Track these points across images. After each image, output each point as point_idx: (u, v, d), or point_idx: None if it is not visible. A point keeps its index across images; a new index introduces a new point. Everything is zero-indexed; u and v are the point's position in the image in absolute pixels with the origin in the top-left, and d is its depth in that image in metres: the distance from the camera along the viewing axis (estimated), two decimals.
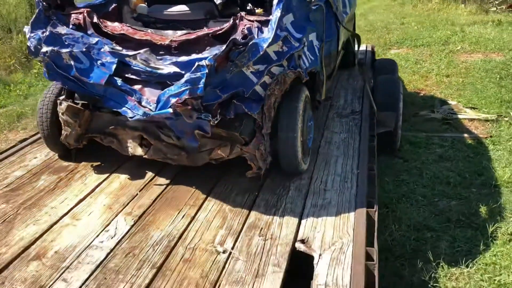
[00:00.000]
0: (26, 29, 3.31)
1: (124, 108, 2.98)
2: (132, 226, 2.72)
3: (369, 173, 3.25)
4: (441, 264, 3.07)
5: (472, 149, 4.97)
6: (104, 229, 2.70)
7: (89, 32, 3.25)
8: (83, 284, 2.25)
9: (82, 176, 3.33)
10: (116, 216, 2.83)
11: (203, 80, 2.58)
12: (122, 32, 3.25)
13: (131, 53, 3.03)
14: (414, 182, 4.22)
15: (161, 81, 3.04)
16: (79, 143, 3.36)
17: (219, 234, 2.64)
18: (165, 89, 2.76)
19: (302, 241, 2.55)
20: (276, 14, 2.80)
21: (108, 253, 2.48)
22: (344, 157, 3.50)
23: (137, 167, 3.40)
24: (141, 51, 3.02)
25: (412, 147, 5.01)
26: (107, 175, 3.33)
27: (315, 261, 2.39)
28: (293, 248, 2.50)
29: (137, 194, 3.07)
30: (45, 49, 2.99)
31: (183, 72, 2.92)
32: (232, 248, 2.50)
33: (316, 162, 3.43)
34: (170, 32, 3.33)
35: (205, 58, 2.75)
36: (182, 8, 4.00)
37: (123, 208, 2.91)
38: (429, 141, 5.19)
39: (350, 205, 2.87)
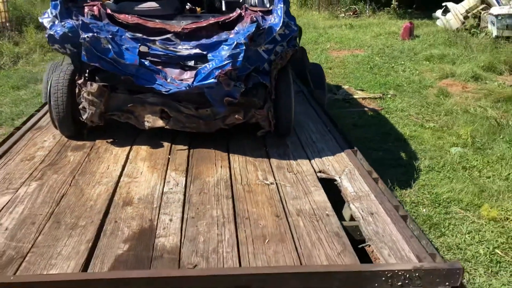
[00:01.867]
0: (44, 19, 3.64)
1: (155, 85, 3.53)
2: (186, 177, 3.33)
3: (337, 129, 4.29)
4: (395, 188, 4.23)
5: (374, 119, 6.37)
6: (164, 181, 3.26)
7: (104, 22, 3.72)
8: (183, 213, 2.84)
9: (106, 150, 3.76)
10: (166, 172, 3.39)
11: (242, 55, 3.33)
12: (135, 22, 3.78)
13: (157, 38, 3.61)
14: None
15: (178, 62, 3.68)
16: (101, 121, 3.78)
17: (258, 174, 3.40)
18: (204, 64, 3.42)
19: (320, 172, 3.46)
20: (280, 5, 3.66)
21: (184, 194, 3.08)
22: (312, 121, 4.49)
23: (150, 139, 3.92)
24: (166, 36, 3.62)
25: None
26: (128, 147, 3.81)
27: (338, 181, 3.32)
28: (317, 177, 3.39)
29: (169, 158, 3.64)
30: (84, 35, 3.39)
31: (205, 52, 3.62)
32: (273, 182, 3.29)
33: (294, 126, 4.34)
34: (173, 21, 3.95)
35: (229, 39, 3.51)
36: (152, 4, 4.61)
37: (167, 166, 3.48)
38: (342, 115, 6.46)
39: (338, 149, 3.86)
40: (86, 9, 3.74)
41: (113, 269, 2.31)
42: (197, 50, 3.63)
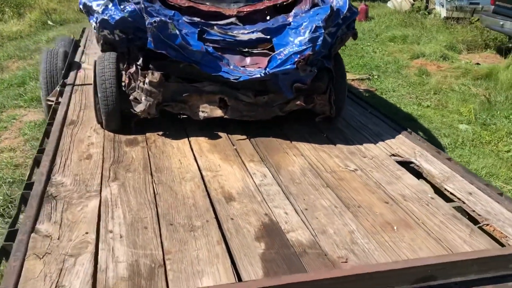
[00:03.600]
0: (93, 3, 3.30)
1: (222, 73, 3.34)
2: (266, 167, 3.20)
3: (379, 112, 4.33)
4: None
5: (374, 99, 6.51)
6: (249, 174, 3.11)
7: (156, 5, 3.44)
8: (293, 205, 2.74)
9: (165, 144, 3.51)
10: (244, 163, 3.24)
11: (321, 38, 3.23)
12: (186, 5, 3.54)
13: (220, 22, 3.41)
14: None
15: (237, 47, 3.51)
16: (157, 112, 3.51)
17: (335, 161, 3.35)
18: (279, 50, 3.28)
19: (394, 155, 3.48)
20: None
21: (280, 186, 2.96)
22: (348, 104, 4.48)
23: (202, 130, 3.70)
24: (229, 20, 3.43)
25: None
26: (185, 139, 3.59)
27: (416, 163, 3.36)
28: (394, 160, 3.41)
29: (235, 149, 3.48)
30: (151, 19, 3.10)
31: (268, 37, 3.47)
32: (356, 168, 3.26)
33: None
34: (223, 4, 3.74)
35: (292, 22, 3.40)
36: None
37: (240, 158, 3.32)
38: None
39: (393, 131, 3.90)
40: None
41: (266, 270, 2.19)
42: (260, 35, 3.48)
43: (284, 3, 3.68)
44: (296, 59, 3.21)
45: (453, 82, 7.25)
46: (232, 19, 3.49)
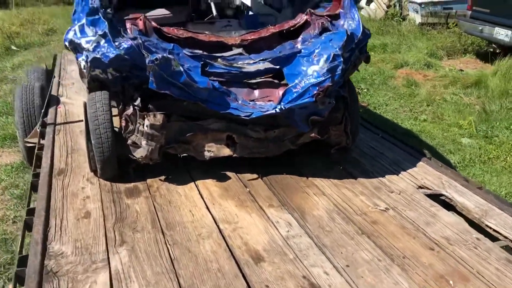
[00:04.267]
0: (82, 39, 2.92)
1: (231, 109, 3.00)
2: (289, 213, 2.88)
3: (388, 134, 4.07)
4: None
5: (368, 115, 6.26)
6: (272, 223, 2.78)
7: (151, 37, 3.09)
8: (331, 262, 2.42)
9: (169, 191, 3.14)
10: (263, 210, 2.91)
11: (340, 67, 2.94)
12: (185, 35, 3.20)
13: (226, 55, 3.08)
14: None
15: (244, 80, 3.19)
16: (159, 157, 3.14)
17: (362, 200, 3.06)
18: (294, 83, 2.97)
19: (421, 187, 3.21)
20: (354, 9, 3.31)
21: (310, 237, 2.64)
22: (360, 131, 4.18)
23: (208, 170, 3.34)
24: (232, 52, 3.11)
25: None
26: (192, 184, 3.23)
27: (448, 196, 3.10)
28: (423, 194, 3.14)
29: (249, 191, 3.14)
30: (152, 57, 2.74)
31: (277, 67, 3.16)
32: (387, 207, 2.97)
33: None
34: (224, 33, 3.42)
35: (303, 50, 3.11)
36: (163, 11, 4.01)
37: (257, 203, 2.99)
38: None
39: (411, 158, 3.65)
40: (128, 24, 3.05)
41: None
42: (268, 65, 3.17)
43: (291, 29, 3.38)
44: (314, 92, 2.90)
45: (444, 92, 7.11)
46: (239, 50, 3.17)
